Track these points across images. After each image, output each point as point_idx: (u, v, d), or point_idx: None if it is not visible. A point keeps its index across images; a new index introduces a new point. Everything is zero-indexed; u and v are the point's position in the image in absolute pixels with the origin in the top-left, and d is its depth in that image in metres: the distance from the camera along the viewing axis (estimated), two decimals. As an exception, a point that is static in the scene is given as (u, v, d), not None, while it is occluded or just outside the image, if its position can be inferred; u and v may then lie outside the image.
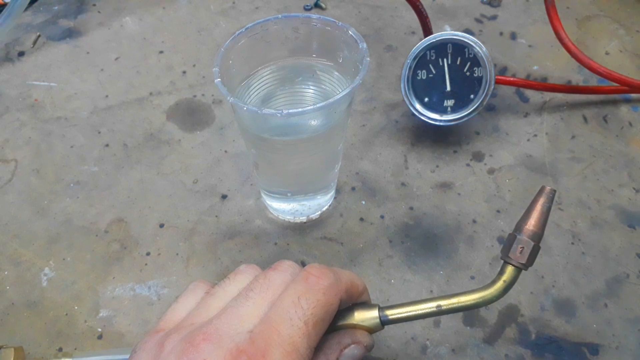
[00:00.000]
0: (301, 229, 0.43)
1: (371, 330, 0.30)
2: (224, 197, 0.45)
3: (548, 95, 0.52)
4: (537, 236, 0.29)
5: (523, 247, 0.29)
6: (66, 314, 0.39)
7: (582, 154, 0.48)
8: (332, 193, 0.44)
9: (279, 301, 0.27)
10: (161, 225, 0.44)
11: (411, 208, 0.44)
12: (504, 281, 0.29)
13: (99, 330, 0.38)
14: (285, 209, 0.43)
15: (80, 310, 0.39)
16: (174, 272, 0.41)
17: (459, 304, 0.30)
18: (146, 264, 0.41)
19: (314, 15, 0.37)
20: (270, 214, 0.44)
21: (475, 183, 0.46)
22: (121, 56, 0.56)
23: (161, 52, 0.57)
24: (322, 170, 0.41)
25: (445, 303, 0.30)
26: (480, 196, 0.45)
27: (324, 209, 0.44)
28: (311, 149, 0.37)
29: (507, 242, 0.30)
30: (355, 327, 0.30)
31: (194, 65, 0.55)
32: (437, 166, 0.47)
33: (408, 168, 0.47)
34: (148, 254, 0.42)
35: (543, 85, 0.51)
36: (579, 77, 0.54)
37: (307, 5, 0.61)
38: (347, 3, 0.61)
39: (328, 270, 0.28)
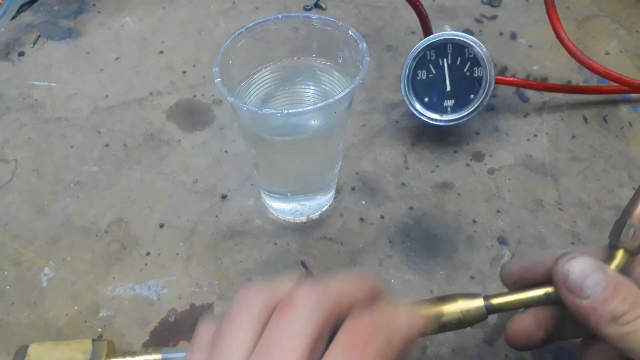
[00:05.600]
0: (301, 229, 0.43)
1: (475, 320, 0.29)
2: (224, 197, 0.45)
3: (548, 95, 0.52)
4: None
5: (635, 231, 0.27)
6: (66, 314, 0.39)
7: (582, 154, 0.48)
8: (332, 193, 0.44)
9: None
10: (161, 225, 0.44)
11: (411, 208, 0.44)
12: (616, 266, 0.27)
13: (99, 330, 0.38)
14: (285, 209, 0.43)
15: (80, 310, 0.39)
16: (174, 272, 0.41)
17: None
18: (146, 264, 0.41)
19: (314, 15, 0.37)
20: (270, 214, 0.44)
21: (475, 183, 0.46)
22: (121, 56, 0.56)
23: (161, 52, 0.57)
24: (322, 170, 0.41)
25: (556, 292, 0.27)
26: (480, 196, 0.45)
27: (324, 209, 0.44)
28: (311, 149, 0.37)
29: (616, 227, 0.28)
30: (460, 320, 0.28)
31: (194, 65, 0.55)
32: (437, 166, 0.47)
33: (408, 168, 0.47)
34: (148, 254, 0.42)
35: (543, 85, 0.51)
36: (579, 77, 0.54)
37: (307, 5, 0.61)
38: (347, 3, 0.61)
39: (378, 319, 0.23)
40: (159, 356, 0.34)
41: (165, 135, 0.50)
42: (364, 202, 0.45)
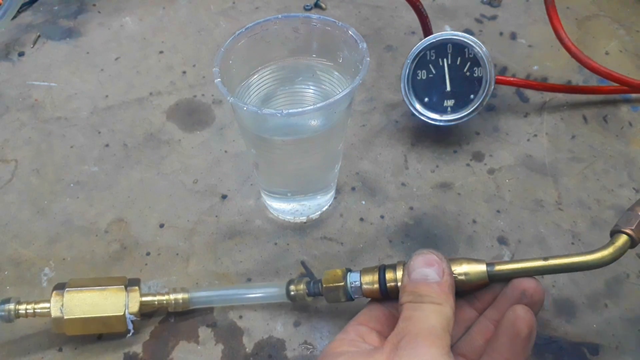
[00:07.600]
0: (301, 229, 0.43)
1: (477, 285, 0.32)
2: (224, 197, 0.45)
3: (548, 95, 0.52)
4: None
5: (637, 221, 0.31)
6: (66, 314, 0.39)
7: (582, 154, 0.48)
8: (332, 193, 0.44)
9: None
10: (161, 225, 0.44)
11: (411, 208, 0.44)
12: (614, 245, 0.31)
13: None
14: (285, 209, 0.43)
15: (80, 310, 0.39)
16: (174, 272, 0.41)
17: (567, 263, 0.31)
18: (146, 264, 0.41)
19: (314, 15, 0.37)
20: (270, 214, 0.44)
21: (475, 183, 0.46)
22: (121, 56, 0.56)
23: (161, 52, 0.57)
24: (322, 170, 0.41)
25: (553, 261, 0.31)
26: (480, 196, 0.45)
27: (324, 209, 0.44)
28: (311, 149, 0.37)
29: (622, 217, 0.32)
30: (462, 281, 0.32)
31: (194, 65, 0.55)
32: (437, 166, 0.47)
33: (408, 168, 0.47)
34: (148, 254, 0.42)
35: (543, 85, 0.51)
36: (579, 77, 0.54)
37: (307, 5, 0.61)
38: (347, 3, 0.61)
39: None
40: (186, 295, 0.37)
41: (165, 135, 0.50)
42: (364, 202, 0.45)
